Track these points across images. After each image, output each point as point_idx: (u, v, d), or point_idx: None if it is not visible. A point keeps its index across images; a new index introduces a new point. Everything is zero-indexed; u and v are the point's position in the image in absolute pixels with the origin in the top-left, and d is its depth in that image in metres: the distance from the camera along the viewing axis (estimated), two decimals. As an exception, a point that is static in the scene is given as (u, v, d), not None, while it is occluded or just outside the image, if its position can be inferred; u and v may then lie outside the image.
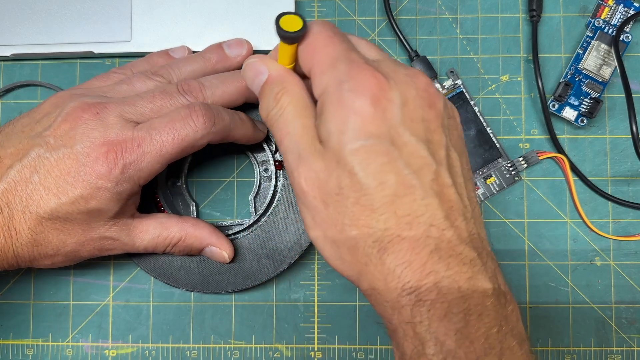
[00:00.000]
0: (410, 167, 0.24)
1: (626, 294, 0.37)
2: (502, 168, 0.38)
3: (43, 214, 0.29)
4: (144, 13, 0.39)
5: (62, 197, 0.29)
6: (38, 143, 0.29)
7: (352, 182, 0.24)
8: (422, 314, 0.23)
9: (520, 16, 0.39)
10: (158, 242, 0.33)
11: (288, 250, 0.35)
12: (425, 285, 0.23)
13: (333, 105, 0.25)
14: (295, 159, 0.26)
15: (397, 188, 0.24)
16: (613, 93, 0.39)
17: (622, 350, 0.37)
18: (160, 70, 0.34)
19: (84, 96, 0.31)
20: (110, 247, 0.32)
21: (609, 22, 0.38)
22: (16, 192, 0.29)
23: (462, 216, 0.25)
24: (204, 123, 0.30)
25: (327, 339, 0.38)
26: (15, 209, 0.29)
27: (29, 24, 0.39)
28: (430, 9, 0.40)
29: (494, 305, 0.24)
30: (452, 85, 0.38)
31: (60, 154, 0.29)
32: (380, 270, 0.24)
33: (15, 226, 0.29)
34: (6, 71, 0.40)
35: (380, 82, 0.24)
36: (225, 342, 0.38)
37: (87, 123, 0.29)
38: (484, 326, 0.23)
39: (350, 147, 0.24)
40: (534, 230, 0.38)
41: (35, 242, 0.30)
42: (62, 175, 0.29)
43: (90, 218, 0.30)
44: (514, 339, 0.24)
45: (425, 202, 0.24)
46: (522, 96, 0.39)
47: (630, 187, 0.38)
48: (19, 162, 0.29)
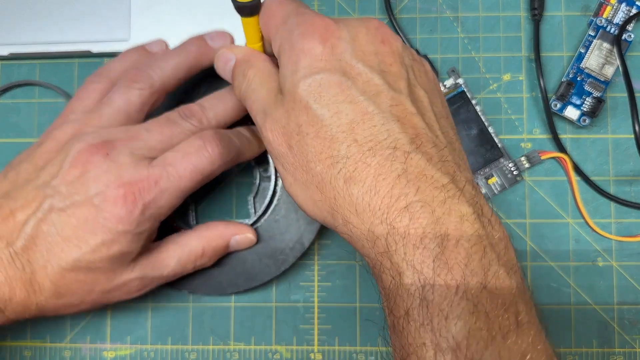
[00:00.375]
0: (366, 94, 0.24)
1: (629, 294, 0.37)
2: (503, 168, 0.38)
3: (65, 265, 0.28)
4: (143, 12, 0.38)
5: (83, 246, 0.28)
6: (49, 194, 0.28)
7: (309, 117, 0.24)
8: (397, 242, 0.22)
9: (522, 15, 0.39)
10: (183, 263, 0.32)
11: (290, 250, 0.35)
12: (395, 211, 0.23)
13: (286, 53, 0.26)
14: (262, 117, 0.27)
15: (354, 115, 0.24)
16: (615, 92, 0.38)
17: (625, 351, 0.37)
18: (139, 75, 0.32)
19: (84, 134, 0.30)
20: (138, 287, 0.31)
21: (611, 21, 0.38)
22: (36, 248, 0.28)
23: (432, 143, 0.24)
24: (219, 153, 0.30)
25: (327, 341, 0.37)
26: (37, 264, 0.28)
27: (27, 23, 0.39)
28: (431, 7, 0.39)
29: (476, 231, 0.22)
30: (454, 84, 0.38)
31: (75, 202, 0.28)
32: (349, 201, 0.24)
33: (38, 281, 0.28)
34: (4, 70, 0.40)
35: (327, 24, 0.26)
36: (224, 343, 0.38)
37: (98, 166, 0.28)
38: (464, 252, 0.22)
39: (303, 84, 0.25)
40: (535, 231, 0.38)
41: (59, 295, 0.29)
42: (80, 225, 0.28)
43: (113, 264, 0.29)
44: (502, 268, 0.22)
45: (385, 127, 0.24)
46: (524, 95, 0.39)
47: (632, 187, 0.38)
48: (33, 216, 0.28)
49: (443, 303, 0.21)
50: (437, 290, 0.21)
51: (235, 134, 0.32)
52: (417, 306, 0.22)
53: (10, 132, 0.39)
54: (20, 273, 0.28)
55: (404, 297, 0.22)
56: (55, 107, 0.39)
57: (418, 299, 0.22)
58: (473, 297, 0.21)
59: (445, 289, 0.21)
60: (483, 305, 0.21)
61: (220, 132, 0.31)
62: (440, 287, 0.21)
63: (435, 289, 0.21)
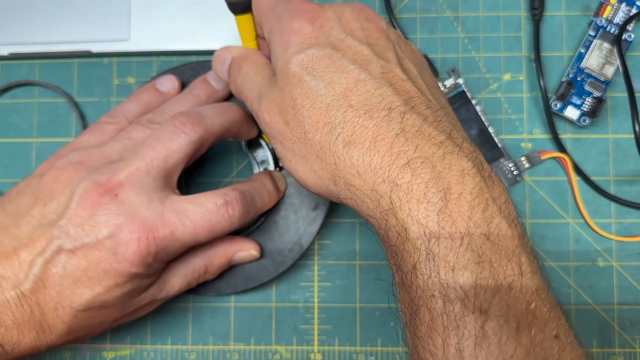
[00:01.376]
0: (356, 63, 0.25)
1: (629, 295, 0.37)
2: (503, 168, 0.38)
3: (78, 307, 0.27)
4: (143, 11, 0.38)
5: (95, 288, 0.27)
6: (56, 235, 0.27)
7: (303, 89, 0.25)
8: (401, 198, 0.23)
9: (522, 15, 0.39)
10: (188, 281, 0.32)
11: (288, 251, 0.35)
12: (396, 168, 0.23)
13: (276, 36, 0.27)
14: (257, 101, 0.28)
15: (347, 83, 0.25)
16: (616, 92, 0.38)
17: (625, 351, 0.37)
18: (156, 116, 0.32)
19: (91, 171, 0.29)
20: (148, 309, 0.32)
21: (612, 21, 0.38)
22: (45, 290, 0.27)
23: (425, 105, 0.25)
24: (239, 217, 0.30)
25: (327, 341, 0.37)
26: (47, 306, 0.27)
27: (27, 23, 0.39)
28: (431, 7, 0.39)
29: (477, 184, 0.23)
30: (454, 84, 0.38)
31: (85, 244, 0.27)
32: (350, 164, 0.24)
33: (49, 322, 0.27)
34: (4, 70, 0.40)
35: (314, 6, 0.27)
36: (224, 343, 0.38)
37: (107, 208, 0.27)
38: (466, 204, 0.22)
39: (295, 59, 0.26)
40: (536, 231, 0.38)
41: (70, 332, 0.28)
42: (91, 267, 0.27)
43: (126, 299, 0.29)
44: (504, 220, 0.23)
45: (379, 92, 0.25)
46: (524, 95, 0.39)
47: (633, 187, 0.38)
48: (40, 257, 0.27)
49: (449, 255, 0.22)
50: (442, 242, 0.22)
51: (258, 191, 0.32)
52: (424, 260, 0.22)
53: (10, 132, 0.39)
54: (29, 316, 0.27)
55: (411, 251, 0.22)
56: (55, 107, 0.39)
57: (424, 252, 0.22)
58: (477, 248, 0.22)
59: (450, 241, 0.22)
60: (487, 256, 0.22)
61: (244, 194, 0.31)
62: (446, 239, 0.22)
63: (440, 242, 0.22)
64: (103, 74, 0.39)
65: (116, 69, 0.39)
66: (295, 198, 0.35)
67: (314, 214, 0.35)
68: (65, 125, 0.39)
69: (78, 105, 0.39)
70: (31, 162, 0.39)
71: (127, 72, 0.39)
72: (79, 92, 0.40)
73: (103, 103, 0.39)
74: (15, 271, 0.27)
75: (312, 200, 0.35)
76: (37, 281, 0.27)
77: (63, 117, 0.39)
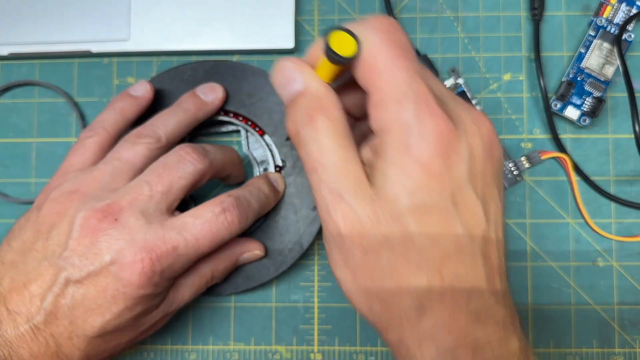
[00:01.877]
0: (466, 226, 0.23)
1: (629, 295, 0.37)
2: (504, 168, 0.38)
3: (92, 334, 0.28)
4: (143, 11, 0.38)
5: (106, 314, 0.27)
6: (62, 266, 0.27)
7: (404, 237, 0.22)
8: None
9: (522, 15, 0.39)
10: (196, 289, 0.32)
11: (289, 251, 0.35)
12: (462, 348, 0.23)
13: (397, 153, 0.23)
14: (333, 196, 0.23)
15: (449, 247, 0.23)
16: (616, 92, 0.38)
17: (625, 351, 0.37)
18: (145, 129, 0.32)
19: (87, 199, 0.29)
20: (160, 324, 0.32)
21: (612, 21, 0.38)
22: (58, 322, 0.27)
23: (499, 275, 0.24)
24: (238, 222, 0.30)
25: (327, 341, 0.37)
26: (61, 337, 0.27)
27: (27, 23, 0.39)
28: (431, 7, 0.39)
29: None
30: (454, 84, 0.38)
31: (90, 273, 0.27)
32: (416, 330, 0.23)
33: (65, 352, 0.28)
34: (3, 70, 0.40)
35: (450, 131, 0.22)
36: (224, 343, 0.38)
37: (108, 234, 0.27)
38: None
39: (411, 204, 0.22)
40: (536, 231, 0.38)
41: (87, 358, 0.29)
42: (99, 294, 0.27)
43: (138, 320, 0.29)
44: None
45: (472, 263, 0.23)
46: (524, 95, 0.39)
47: (633, 187, 0.38)
48: (50, 291, 0.27)
49: None
50: None
51: (255, 195, 0.32)
52: None
53: (10, 132, 0.39)
54: (45, 348, 0.27)
55: None
56: (55, 107, 0.39)
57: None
58: None
59: None
60: None
61: (240, 199, 0.30)
62: None
63: None
64: (103, 74, 0.39)
65: (116, 69, 0.39)
66: (295, 198, 0.35)
67: (314, 214, 0.35)
68: (65, 125, 0.39)
69: (78, 105, 0.39)
70: (31, 162, 0.39)
71: (127, 72, 0.39)
72: (79, 92, 0.40)
73: (103, 103, 0.39)
74: (27, 306, 0.27)
75: (312, 200, 0.35)
76: (49, 314, 0.27)
77: (63, 117, 0.39)
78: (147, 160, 0.31)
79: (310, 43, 0.27)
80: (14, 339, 0.27)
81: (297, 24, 0.39)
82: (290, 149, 0.35)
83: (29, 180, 0.39)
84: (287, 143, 0.35)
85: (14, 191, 0.39)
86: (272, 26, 0.38)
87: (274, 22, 0.38)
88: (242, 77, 0.36)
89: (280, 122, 0.35)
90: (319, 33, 0.39)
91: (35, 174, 0.39)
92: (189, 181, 0.30)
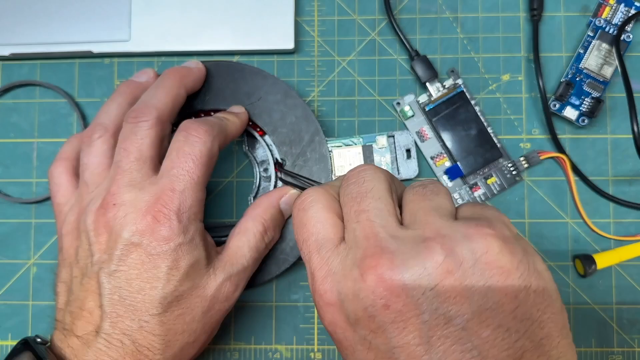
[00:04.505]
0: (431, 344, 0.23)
1: (628, 294, 0.37)
2: (503, 168, 0.38)
3: (156, 312, 0.28)
4: (143, 12, 0.38)
5: (157, 284, 0.28)
6: (97, 269, 0.28)
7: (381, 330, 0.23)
8: None
9: (521, 15, 0.39)
10: (254, 246, 0.32)
11: (290, 249, 0.35)
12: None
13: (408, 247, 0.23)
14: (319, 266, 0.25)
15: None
16: (614, 93, 0.38)
17: (623, 350, 0.37)
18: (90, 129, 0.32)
19: (87, 206, 0.30)
20: (232, 288, 0.31)
21: (610, 21, 0.38)
22: (121, 318, 0.28)
23: None
24: (205, 132, 0.30)
25: (327, 340, 0.37)
26: (132, 330, 0.28)
27: (28, 24, 0.39)
28: (430, 8, 0.39)
29: None
30: (453, 84, 0.38)
31: (121, 257, 0.28)
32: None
33: (142, 344, 0.28)
34: (5, 71, 0.40)
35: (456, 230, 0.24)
36: (224, 343, 0.38)
37: (116, 217, 0.28)
38: None
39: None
40: (535, 231, 0.38)
41: (170, 343, 0.28)
42: (140, 271, 0.28)
43: (193, 280, 0.29)
44: None
45: None
46: (523, 96, 0.39)
47: (631, 187, 0.38)
48: (102, 297, 0.28)
49: None
50: None
51: (211, 117, 0.33)
52: None
53: (11, 132, 0.40)
54: (122, 349, 0.27)
55: None
56: (56, 107, 0.40)
57: None
58: None
59: None
60: None
61: (195, 119, 0.31)
62: None
63: None
64: (104, 74, 0.40)
65: (117, 70, 0.40)
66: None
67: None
68: (66, 125, 0.40)
69: (79, 106, 0.39)
70: (32, 162, 0.39)
71: (128, 72, 0.40)
72: (79, 93, 0.40)
73: (104, 103, 0.39)
74: (92, 322, 0.28)
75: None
76: (111, 315, 0.28)
77: (64, 118, 0.40)
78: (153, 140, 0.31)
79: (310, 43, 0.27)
80: (93, 359, 0.27)
81: (297, 25, 0.39)
82: (289, 147, 0.36)
83: (30, 180, 0.39)
84: (287, 142, 0.36)
85: (15, 191, 0.39)
86: (272, 27, 0.38)
87: (273, 23, 0.38)
88: (241, 77, 0.36)
89: (279, 122, 0.36)
90: (319, 34, 0.39)
91: (36, 174, 0.39)
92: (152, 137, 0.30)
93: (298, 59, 0.39)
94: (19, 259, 0.39)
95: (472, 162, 0.37)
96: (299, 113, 0.36)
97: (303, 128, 0.35)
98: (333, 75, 0.39)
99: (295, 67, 0.39)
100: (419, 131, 0.38)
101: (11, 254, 0.39)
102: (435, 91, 0.38)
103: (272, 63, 0.39)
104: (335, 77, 0.39)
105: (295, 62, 0.39)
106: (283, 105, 0.36)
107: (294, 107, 0.36)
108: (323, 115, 0.39)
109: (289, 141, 0.36)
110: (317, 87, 0.39)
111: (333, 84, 0.39)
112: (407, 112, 0.38)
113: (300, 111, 0.36)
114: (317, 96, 0.39)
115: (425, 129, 0.38)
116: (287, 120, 0.36)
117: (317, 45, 0.39)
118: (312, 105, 0.39)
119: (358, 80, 0.39)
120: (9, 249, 0.39)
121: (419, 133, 0.38)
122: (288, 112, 0.36)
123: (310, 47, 0.39)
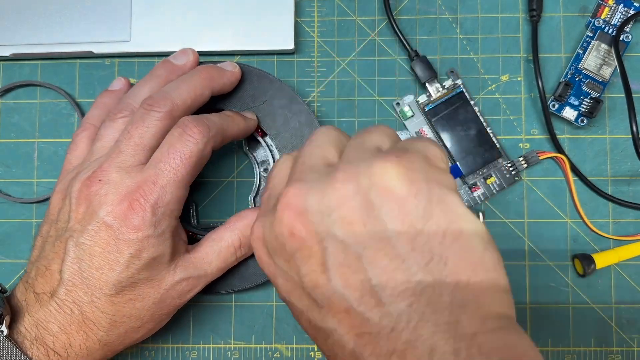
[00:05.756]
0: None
1: (627, 294, 0.37)
2: (502, 168, 0.38)
3: (109, 292, 0.29)
4: (144, 13, 0.38)
5: (116, 267, 0.29)
6: (68, 236, 0.29)
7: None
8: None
9: (520, 16, 0.39)
10: (224, 257, 0.32)
11: None
12: None
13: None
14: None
15: None
16: (613, 93, 0.39)
17: (622, 350, 0.37)
18: (119, 106, 0.33)
19: (78, 174, 0.31)
20: (187, 288, 0.31)
21: (609, 22, 0.38)
22: (76, 288, 0.29)
23: None
24: (200, 132, 0.30)
25: (327, 340, 0.37)
26: (83, 302, 0.29)
27: (29, 24, 0.39)
28: (430, 8, 0.39)
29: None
30: (452, 85, 0.38)
31: (90, 231, 0.29)
32: None
33: (90, 317, 0.29)
34: (5, 71, 0.40)
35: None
36: (225, 342, 0.38)
37: (97, 194, 0.29)
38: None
39: None
40: (534, 231, 0.38)
41: (116, 323, 0.30)
42: (104, 250, 0.29)
43: (151, 272, 0.30)
44: None
45: None
46: (522, 96, 0.39)
47: (630, 187, 0.38)
48: (63, 263, 0.29)
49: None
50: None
51: (215, 115, 0.33)
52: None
53: (12, 132, 0.40)
54: (70, 317, 0.29)
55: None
56: (56, 108, 0.40)
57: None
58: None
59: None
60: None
61: (196, 116, 0.31)
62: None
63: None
64: (105, 74, 0.40)
65: (117, 70, 0.40)
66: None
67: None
68: (67, 125, 0.40)
69: (80, 106, 0.40)
70: (33, 163, 0.39)
71: (129, 73, 0.40)
72: (80, 93, 0.40)
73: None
74: (50, 284, 0.29)
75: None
76: (68, 283, 0.29)
77: (65, 118, 0.40)
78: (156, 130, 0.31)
79: (310, 44, 0.27)
80: (42, 317, 0.29)
81: (297, 25, 0.39)
82: (291, 149, 0.36)
83: (31, 181, 0.39)
84: (288, 147, 0.36)
85: (16, 191, 0.39)
86: (272, 27, 0.38)
87: (274, 24, 0.38)
88: (246, 79, 0.36)
89: (283, 126, 0.36)
90: (319, 34, 0.39)
91: (38, 174, 0.39)
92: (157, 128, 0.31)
93: (298, 59, 0.39)
94: (19, 258, 0.39)
95: (471, 162, 0.38)
96: (302, 119, 0.36)
97: (306, 134, 0.35)
98: (333, 76, 0.39)
99: (295, 67, 0.39)
100: (418, 131, 0.38)
101: (12, 253, 0.39)
102: (434, 91, 0.38)
103: (272, 63, 0.39)
104: (335, 77, 0.39)
105: (295, 63, 0.39)
106: (288, 110, 0.36)
107: (298, 113, 0.36)
108: (323, 116, 0.39)
109: (290, 146, 0.36)
110: (316, 88, 0.39)
111: (333, 84, 0.39)
112: (407, 112, 0.38)
113: (305, 117, 0.35)
114: (317, 97, 0.39)
115: (424, 129, 0.38)
116: (290, 125, 0.36)
117: (317, 45, 0.39)
118: (312, 106, 0.39)
119: (358, 80, 0.39)
120: (10, 249, 0.39)
121: (418, 133, 0.38)
122: (292, 117, 0.36)
123: (310, 47, 0.39)
